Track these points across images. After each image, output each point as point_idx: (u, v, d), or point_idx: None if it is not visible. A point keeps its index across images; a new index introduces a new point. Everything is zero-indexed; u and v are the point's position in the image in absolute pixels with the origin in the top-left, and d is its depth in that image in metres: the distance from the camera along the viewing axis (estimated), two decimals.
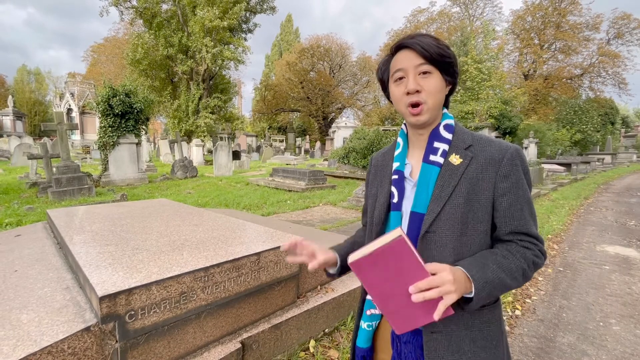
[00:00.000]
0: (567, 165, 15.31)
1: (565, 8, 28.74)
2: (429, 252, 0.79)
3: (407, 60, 0.80)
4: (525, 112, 27.74)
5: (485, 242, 0.81)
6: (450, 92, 0.87)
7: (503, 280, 0.73)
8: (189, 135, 20.83)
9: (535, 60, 30.65)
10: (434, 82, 0.80)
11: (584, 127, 24.37)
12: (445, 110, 0.88)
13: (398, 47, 0.83)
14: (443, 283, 0.65)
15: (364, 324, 0.94)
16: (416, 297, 0.65)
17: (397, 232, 0.67)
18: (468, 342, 0.78)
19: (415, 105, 0.80)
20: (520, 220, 0.79)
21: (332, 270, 0.97)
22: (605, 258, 4.13)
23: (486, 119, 18.30)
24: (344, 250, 0.98)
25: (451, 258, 0.78)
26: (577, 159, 17.64)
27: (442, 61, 0.80)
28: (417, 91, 0.79)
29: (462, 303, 0.73)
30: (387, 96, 0.92)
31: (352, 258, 0.69)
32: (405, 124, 0.94)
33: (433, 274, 0.67)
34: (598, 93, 30.93)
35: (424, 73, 0.79)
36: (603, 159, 23.01)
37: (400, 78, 0.82)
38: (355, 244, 1.03)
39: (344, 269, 0.97)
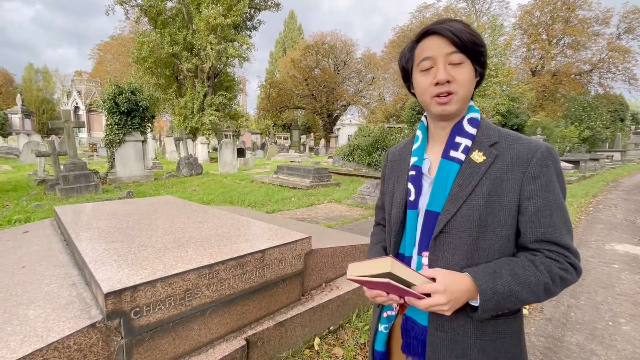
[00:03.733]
0: (576, 163, 15.10)
1: (575, 2, 28.21)
2: (441, 253, 0.76)
3: (436, 47, 0.73)
4: (532, 108, 27.41)
5: (507, 249, 0.75)
6: (478, 84, 0.81)
7: (516, 294, 0.68)
8: (194, 133, 20.93)
9: (543, 56, 30.19)
10: (466, 72, 0.73)
11: (593, 123, 23.98)
12: (471, 103, 0.81)
13: (425, 33, 0.76)
14: (433, 306, 0.67)
15: (381, 327, 0.91)
16: (408, 301, 0.71)
17: (387, 265, 0.64)
18: (476, 351, 0.75)
19: (444, 94, 0.74)
20: (549, 227, 0.71)
21: None
22: (614, 257, 4.07)
23: (493, 116, 18.09)
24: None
25: (464, 262, 0.74)
26: (585, 156, 17.37)
27: (474, 49, 0.73)
28: (448, 81, 0.73)
29: (469, 310, 0.71)
30: (408, 86, 0.86)
31: (349, 274, 0.70)
32: (425, 116, 0.88)
33: (428, 295, 0.68)
34: (607, 89, 30.43)
35: (455, 62, 0.73)
36: (612, 156, 22.65)
37: (429, 68, 0.75)
38: (385, 249, 0.99)
39: None
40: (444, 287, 0.65)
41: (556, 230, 0.71)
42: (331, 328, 2.13)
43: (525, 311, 2.69)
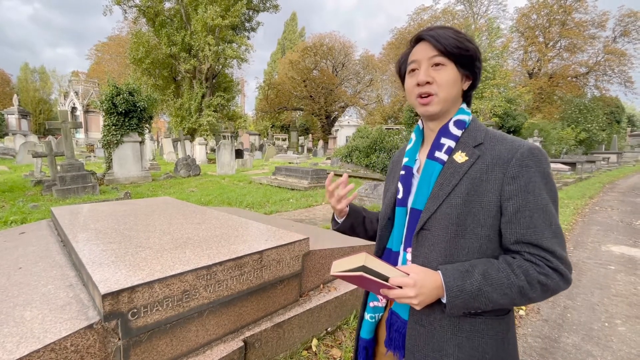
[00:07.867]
0: (572, 165, 15.17)
1: (571, 5, 28.43)
2: (422, 249, 0.79)
3: (421, 52, 0.80)
4: (529, 110, 27.54)
5: (489, 249, 0.75)
6: (471, 88, 0.84)
7: (486, 294, 0.68)
8: (192, 134, 20.89)
9: (540, 59, 30.38)
10: (446, 74, 0.78)
11: (589, 125, 24.13)
12: (463, 106, 0.84)
13: (416, 39, 0.83)
14: (402, 297, 0.70)
15: (367, 316, 0.95)
16: (383, 293, 0.73)
17: (361, 259, 0.70)
18: (452, 346, 0.76)
19: (425, 95, 0.79)
20: (529, 228, 0.70)
21: (339, 220, 1.05)
22: (610, 258, 4.09)
23: (490, 118, 18.19)
24: (358, 212, 1.06)
25: (441, 258, 0.76)
26: (582, 158, 17.46)
27: (459, 54, 0.77)
28: (428, 82, 0.78)
29: (443, 307, 0.74)
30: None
31: (333, 270, 0.75)
32: (422, 120, 0.93)
33: (400, 287, 0.70)
34: (604, 91, 30.63)
35: (437, 65, 0.78)
36: (608, 158, 22.77)
37: (414, 70, 0.82)
38: (365, 210, 1.08)
39: (346, 225, 1.04)
40: (413, 282, 0.69)
41: (537, 232, 0.69)
42: (329, 329, 2.13)
43: (522, 312, 2.70)
